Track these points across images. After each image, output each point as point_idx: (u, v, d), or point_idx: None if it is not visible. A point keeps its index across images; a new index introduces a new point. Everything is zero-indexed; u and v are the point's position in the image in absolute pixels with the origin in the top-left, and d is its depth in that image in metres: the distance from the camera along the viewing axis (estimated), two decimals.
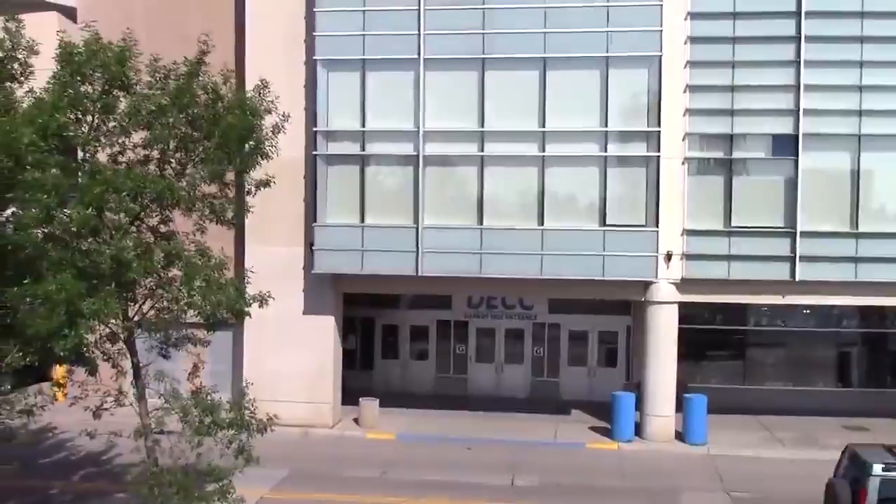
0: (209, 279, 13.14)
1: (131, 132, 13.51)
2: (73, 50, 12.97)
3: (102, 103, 13.09)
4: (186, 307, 13.26)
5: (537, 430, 25.40)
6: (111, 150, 13.57)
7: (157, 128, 13.18)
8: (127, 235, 12.85)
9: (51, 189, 12.09)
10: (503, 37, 23.49)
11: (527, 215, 23.73)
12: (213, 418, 13.16)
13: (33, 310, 11.88)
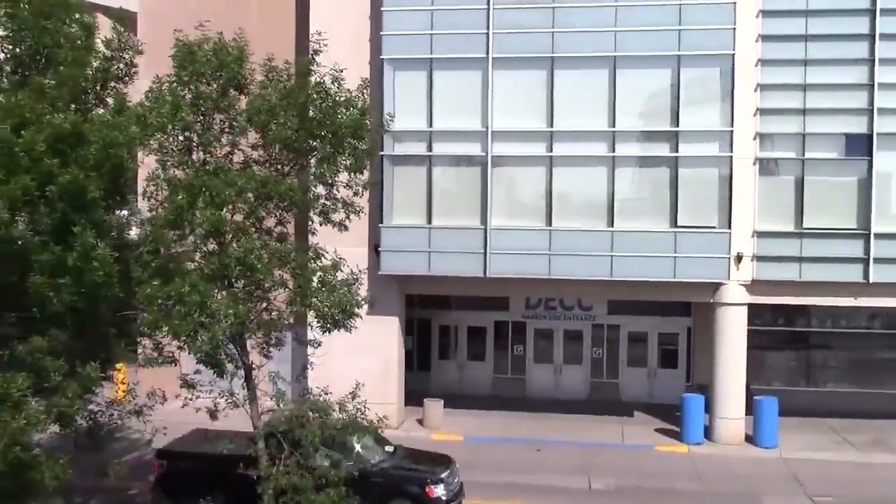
0: (325, 280, 13.03)
1: (247, 132, 13.41)
2: (193, 49, 12.88)
3: (225, 103, 12.98)
4: (305, 308, 13.14)
5: (603, 432, 25.19)
6: (221, 151, 13.47)
7: (274, 128, 13.07)
8: (251, 237, 12.74)
9: (185, 189, 12.01)
10: (572, 35, 23.30)
11: (596, 216, 23.52)
12: (325, 419, 13.05)
13: (166, 311, 11.81)
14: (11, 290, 11.63)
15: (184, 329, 11.62)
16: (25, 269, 11.43)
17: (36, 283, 10.66)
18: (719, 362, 24.29)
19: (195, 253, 12.49)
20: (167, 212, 12.16)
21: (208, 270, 12.43)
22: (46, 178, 11.13)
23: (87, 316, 11.21)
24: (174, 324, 11.60)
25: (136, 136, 11.80)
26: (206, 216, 11.96)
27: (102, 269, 10.67)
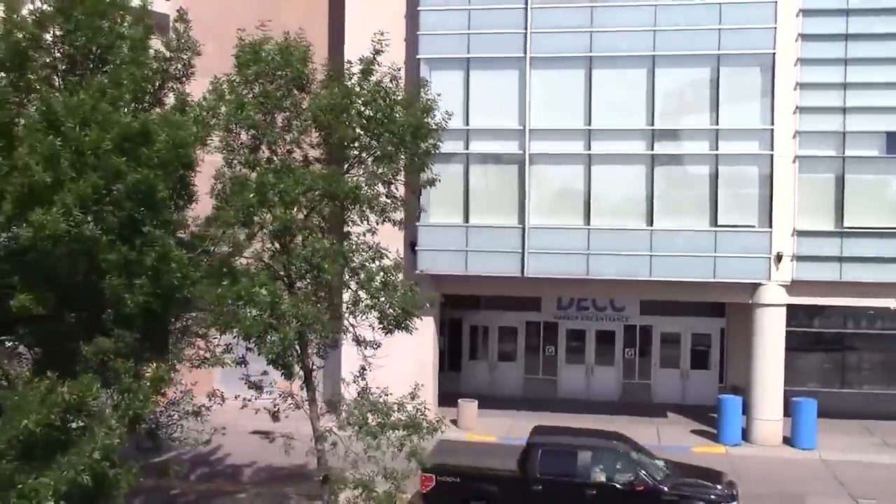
0: (387, 281, 12.94)
1: (311, 131, 13.32)
2: (258, 48, 12.80)
3: (289, 102, 12.90)
4: (368, 309, 13.05)
5: (638, 433, 24.84)
6: (283, 150, 13.38)
7: (340, 127, 12.98)
8: (318, 236, 12.65)
9: (257, 187, 11.92)
10: (611, 35, 23.20)
11: (635, 215, 23.40)
12: (386, 420, 12.94)
13: (235, 311, 11.72)
14: (76, 290, 11.56)
15: (255, 329, 11.52)
16: (91, 269, 11.34)
17: (113, 284, 10.56)
18: (757, 364, 24.12)
19: (263, 252, 12.39)
20: (237, 211, 12.06)
21: (271, 271, 12.32)
22: (113, 177, 11.06)
23: (159, 317, 11.11)
24: (245, 325, 11.51)
25: (199, 135, 11.70)
26: (277, 215, 11.86)
27: (180, 271, 10.59)
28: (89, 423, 9.68)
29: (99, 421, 9.74)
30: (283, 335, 11.69)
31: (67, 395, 9.42)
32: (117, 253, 11.00)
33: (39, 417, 9.31)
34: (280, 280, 12.45)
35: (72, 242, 10.30)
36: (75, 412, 9.56)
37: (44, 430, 9.32)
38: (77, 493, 9.33)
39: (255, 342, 11.90)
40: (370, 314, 13.37)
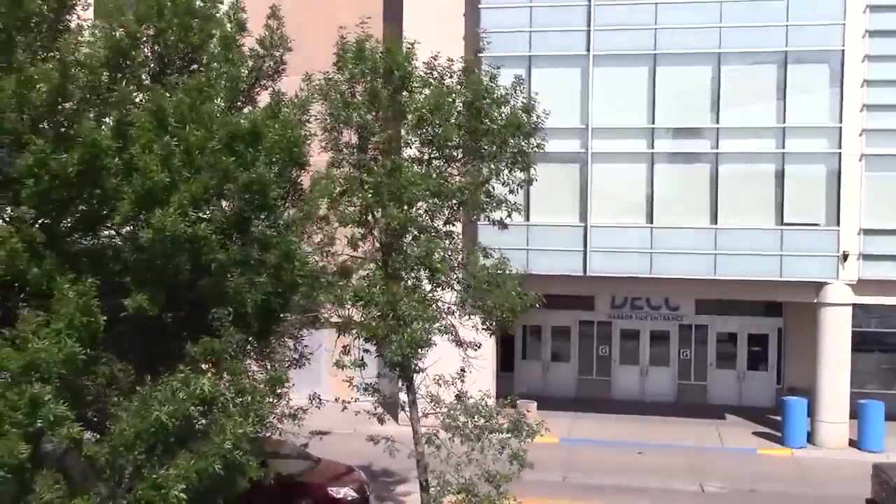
0: (492, 280, 12.82)
1: (417, 131, 13.22)
2: (363, 47, 12.72)
3: (396, 101, 12.81)
4: (476, 309, 12.94)
5: (700, 435, 24.79)
6: (391, 150, 13.26)
7: (446, 126, 12.86)
8: (430, 236, 12.55)
9: (374, 187, 11.85)
10: (675, 32, 22.98)
11: (699, 213, 23.16)
12: (488, 423, 12.83)
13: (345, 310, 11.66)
14: (178, 290, 11.51)
15: (381, 331, 11.43)
16: (196, 269, 11.29)
17: (236, 283, 10.50)
18: (822, 365, 23.76)
19: (377, 252, 12.31)
20: (351, 211, 11.97)
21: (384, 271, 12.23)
22: (222, 176, 11.00)
23: (275, 317, 11.05)
24: (370, 326, 11.41)
25: (306, 135, 11.64)
26: (394, 214, 11.76)
27: (302, 269, 10.52)
28: (218, 416, 9.62)
29: (226, 415, 9.70)
30: (410, 337, 11.58)
31: (208, 386, 9.38)
32: (227, 252, 10.94)
33: (173, 409, 9.29)
34: (391, 280, 12.33)
35: (185, 242, 10.24)
36: (207, 405, 9.51)
37: (175, 423, 9.30)
38: (206, 482, 9.30)
39: (384, 343, 11.77)
40: (476, 315, 13.25)
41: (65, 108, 10.37)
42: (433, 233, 13.05)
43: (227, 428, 9.39)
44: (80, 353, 9.53)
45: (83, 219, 11.11)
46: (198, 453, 9.37)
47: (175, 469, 9.25)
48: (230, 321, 10.62)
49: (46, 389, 9.44)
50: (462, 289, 13.10)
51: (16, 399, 9.56)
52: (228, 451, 9.27)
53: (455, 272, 13.25)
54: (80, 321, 9.60)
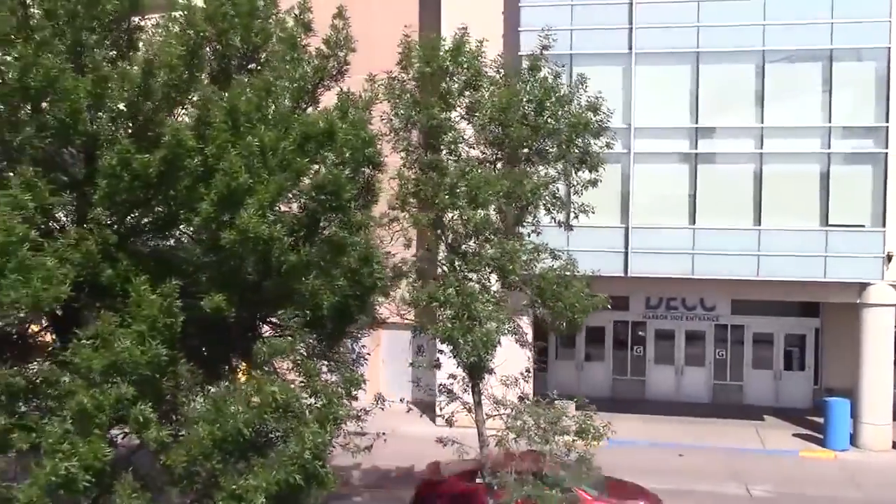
0: (560, 282, 12.71)
1: (487, 130, 13.10)
2: (435, 46, 12.60)
3: (464, 100, 12.69)
4: (547, 310, 12.82)
5: (739, 436, 24.61)
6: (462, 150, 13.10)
7: (517, 127, 12.74)
8: (503, 238, 12.44)
9: (450, 189, 11.74)
10: (718, 30, 22.79)
11: (742, 214, 22.97)
12: (554, 425, 12.71)
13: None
14: (248, 291, 11.42)
15: (458, 332, 11.33)
16: (267, 270, 11.20)
17: (314, 285, 10.41)
18: (864, 366, 23.55)
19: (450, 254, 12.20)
20: (426, 214, 11.86)
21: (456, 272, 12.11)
22: (295, 177, 10.91)
23: (351, 318, 10.94)
24: (446, 327, 11.31)
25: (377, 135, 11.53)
26: (470, 216, 11.66)
27: (380, 272, 10.41)
28: (293, 423, 9.52)
29: (303, 422, 9.59)
30: (488, 338, 11.48)
31: (280, 395, 9.27)
32: (298, 254, 10.85)
33: (248, 417, 9.19)
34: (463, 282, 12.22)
35: (263, 244, 10.15)
36: (282, 412, 9.41)
37: (252, 431, 9.20)
38: (286, 492, 9.20)
39: (459, 344, 11.67)
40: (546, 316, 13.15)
41: (144, 108, 10.26)
42: (503, 234, 12.95)
43: (305, 436, 9.27)
44: (164, 355, 9.45)
45: (156, 220, 11.02)
46: (278, 462, 9.26)
47: (255, 479, 9.15)
48: (306, 322, 10.50)
49: (131, 390, 9.37)
50: (531, 290, 12.97)
51: (100, 400, 9.50)
52: (308, 462, 9.16)
53: (525, 273, 13.12)
54: (163, 322, 9.51)
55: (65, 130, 10.77)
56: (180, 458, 9.27)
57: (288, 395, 9.40)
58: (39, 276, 9.53)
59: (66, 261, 10.18)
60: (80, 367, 9.73)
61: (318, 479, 9.28)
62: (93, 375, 9.76)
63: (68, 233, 10.72)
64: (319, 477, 9.29)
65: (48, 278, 9.55)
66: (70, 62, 10.45)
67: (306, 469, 9.15)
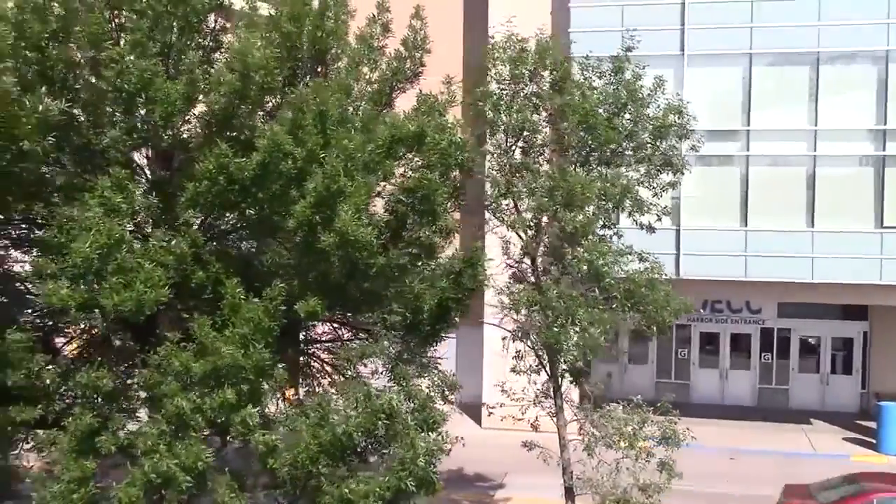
0: (652, 285, 12.62)
1: (576, 133, 13.00)
2: (525, 48, 12.54)
3: (553, 102, 12.62)
4: (638, 314, 12.73)
5: (788, 441, 24.42)
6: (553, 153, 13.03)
7: (606, 130, 12.64)
8: (597, 241, 12.37)
9: (549, 191, 11.68)
10: (772, 31, 22.60)
11: (795, 216, 22.77)
12: (639, 430, 12.61)
13: None
14: (333, 293, 11.37)
15: (563, 337, 11.25)
16: (352, 273, 11.15)
17: (418, 288, 10.34)
18: None
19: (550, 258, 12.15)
20: (520, 217, 11.80)
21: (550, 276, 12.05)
22: (382, 179, 10.87)
23: (451, 321, 10.86)
24: (552, 332, 11.24)
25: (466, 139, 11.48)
26: (568, 218, 11.59)
27: (481, 273, 10.36)
28: (400, 429, 9.46)
29: (406, 427, 9.53)
30: (592, 343, 11.40)
31: (396, 401, 9.22)
32: (388, 257, 10.80)
33: (360, 421, 9.14)
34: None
35: (361, 247, 10.10)
36: (387, 417, 9.35)
37: (361, 436, 9.16)
38: (396, 497, 9.15)
39: (558, 349, 11.60)
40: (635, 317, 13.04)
41: (238, 111, 10.22)
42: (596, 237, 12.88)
43: (416, 443, 9.21)
44: (268, 359, 9.43)
45: (245, 223, 11.00)
46: (391, 468, 9.21)
47: (365, 484, 9.10)
48: (405, 325, 10.45)
49: (233, 395, 9.35)
50: (620, 293, 12.87)
51: (201, 403, 9.48)
52: (422, 468, 9.11)
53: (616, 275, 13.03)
54: (266, 326, 9.49)
55: (154, 134, 10.79)
56: (286, 462, 9.23)
57: (400, 402, 9.34)
58: (139, 278, 9.53)
59: (158, 263, 10.17)
60: (176, 370, 9.73)
61: (429, 484, 9.23)
62: (189, 379, 9.77)
63: (155, 234, 10.71)
64: (430, 482, 9.23)
65: (147, 281, 9.54)
66: (161, 65, 10.45)
67: (418, 474, 9.09)
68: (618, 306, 12.54)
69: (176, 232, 10.70)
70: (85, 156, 11.22)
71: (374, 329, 11.63)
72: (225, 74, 9.93)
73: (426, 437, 9.43)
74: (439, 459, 9.42)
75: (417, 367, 11.45)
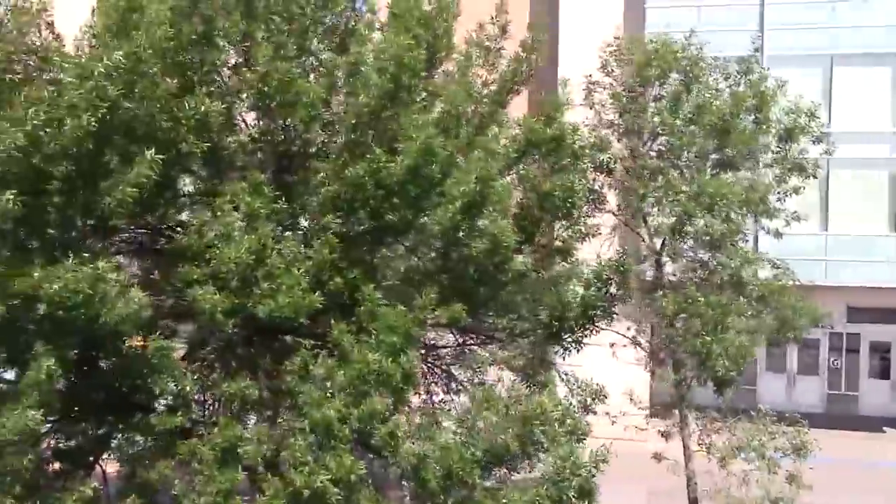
0: (785, 291, 12.37)
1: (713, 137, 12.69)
2: (658, 48, 12.31)
3: (690, 105, 12.36)
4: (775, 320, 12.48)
5: (861, 450, 23.90)
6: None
7: (741, 134, 12.37)
8: (738, 248, 12.14)
9: (695, 196, 11.45)
10: (852, 32, 22.22)
11: (877, 221, 22.36)
12: (767, 441, 12.32)
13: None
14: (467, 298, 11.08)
15: (716, 345, 11.00)
16: (482, 279, 10.91)
17: (565, 294, 10.13)
18: None
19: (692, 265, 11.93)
20: (663, 223, 11.58)
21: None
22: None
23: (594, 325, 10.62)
24: (704, 340, 10.99)
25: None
26: (715, 225, 11.36)
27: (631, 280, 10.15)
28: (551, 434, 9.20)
29: (556, 435, 9.28)
30: (744, 350, 11.18)
31: (549, 405, 8.98)
32: (524, 262, 10.57)
33: (518, 431, 8.90)
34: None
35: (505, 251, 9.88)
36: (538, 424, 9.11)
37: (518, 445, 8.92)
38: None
39: (707, 358, 11.38)
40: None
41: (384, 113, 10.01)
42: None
43: (574, 451, 8.96)
44: (416, 366, 9.22)
45: (384, 227, 10.78)
46: (547, 478, 8.97)
47: (521, 494, 8.86)
48: (548, 332, 10.23)
49: (384, 404, 9.13)
50: (755, 298, 12.61)
51: (344, 413, 9.26)
52: (585, 479, 8.85)
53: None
54: (415, 334, 9.28)
55: (286, 137, 10.63)
56: (438, 473, 8.99)
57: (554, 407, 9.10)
58: (290, 284, 9.34)
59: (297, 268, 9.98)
60: (321, 377, 9.53)
61: (589, 495, 8.99)
62: (332, 387, 9.57)
63: (287, 239, 10.53)
64: (590, 492, 8.98)
65: (297, 286, 9.35)
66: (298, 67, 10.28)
67: (579, 484, 8.85)
68: (759, 314, 12.27)
69: (307, 237, 10.54)
70: (211, 159, 11.09)
71: (501, 336, 11.40)
72: (372, 76, 9.71)
73: (579, 446, 9.17)
74: (601, 470, 9.17)
75: (552, 375, 11.23)
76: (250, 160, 11.08)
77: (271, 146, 11.08)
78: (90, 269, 7.28)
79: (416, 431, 9.79)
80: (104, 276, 7.35)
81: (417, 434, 9.85)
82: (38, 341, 8.04)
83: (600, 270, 10.32)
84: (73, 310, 7.57)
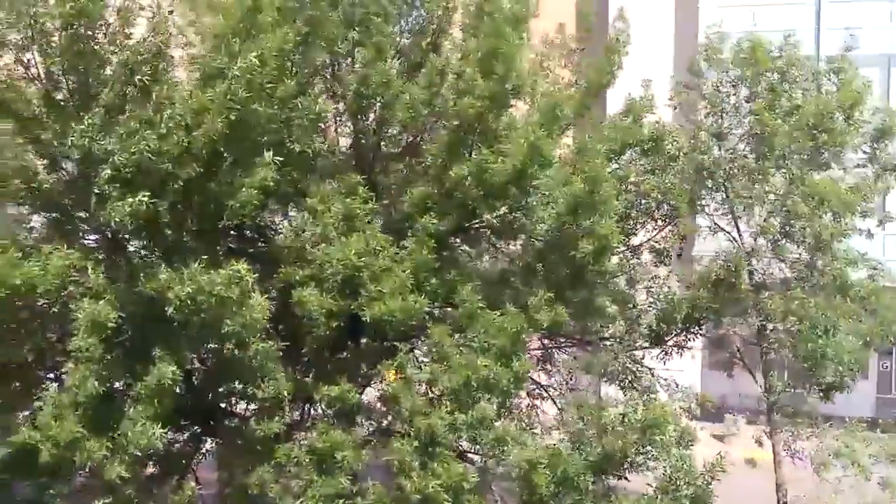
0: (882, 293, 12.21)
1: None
2: (756, 49, 12.13)
3: (788, 105, 12.18)
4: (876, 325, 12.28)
5: None
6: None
7: (833, 133, 12.19)
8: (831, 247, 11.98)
9: (803, 198, 11.29)
10: None
11: None
12: (865, 446, 12.14)
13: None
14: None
15: (830, 349, 10.83)
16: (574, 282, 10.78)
17: (673, 295, 10.00)
18: None
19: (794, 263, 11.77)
20: (767, 223, 11.42)
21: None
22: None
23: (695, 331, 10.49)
24: (816, 344, 10.81)
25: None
26: (822, 226, 11.19)
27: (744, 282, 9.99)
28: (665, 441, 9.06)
29: (666, 441, 9.12)
30: (857, 354, 11.00)
31: (660, 412, 8.85)
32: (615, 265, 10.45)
33: (633, 437, 8.76)
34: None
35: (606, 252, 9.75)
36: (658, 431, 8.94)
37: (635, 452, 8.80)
38: None
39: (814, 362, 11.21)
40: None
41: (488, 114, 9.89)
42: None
43: (684, 460, 8.82)
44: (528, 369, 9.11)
45: (482, 227, 10.68)
46: (661, 486, 8.84)
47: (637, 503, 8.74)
48: (651, 336, 10.09)
49: (492, 410, 9.02)
50: (857, 300, 12.39)
51: (453, 420, 9.14)
52: (702, 487, 8.72)
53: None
54: (525, 337, 9.17)
55: (381, 138, 10.57)
56: (550, 479, 8.86)
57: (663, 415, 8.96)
58: (394, 286, 9.24)
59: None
60: (425, 381, 9.43)
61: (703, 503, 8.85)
62: (435, 392, 9.47)
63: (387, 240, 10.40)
64: (705, 501, 8.85)
65: (402, 288, 9.25)
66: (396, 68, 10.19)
67: (695, 493, 8.71)
68: (860, 317, 12.09)
69: (399, 237, 10.44)
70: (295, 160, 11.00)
71: (592, 339, 11.27)
72: (476, 78, 9.59)
73: (687, 454, 9.03)
74: (718, 479, 9.03)
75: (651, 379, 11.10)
76: (339, 161, 11.03)
77: (362, 147, 11.02)
78: (228, 271, 7.16)
79: (519, 436, 9.67)
80: (240, 277, 7.24)
81: (520, 439, 9.74)
82: (156, 346, 7.95)
83: (709, 271, 10.15)
84: (199, 314, 7.47)
